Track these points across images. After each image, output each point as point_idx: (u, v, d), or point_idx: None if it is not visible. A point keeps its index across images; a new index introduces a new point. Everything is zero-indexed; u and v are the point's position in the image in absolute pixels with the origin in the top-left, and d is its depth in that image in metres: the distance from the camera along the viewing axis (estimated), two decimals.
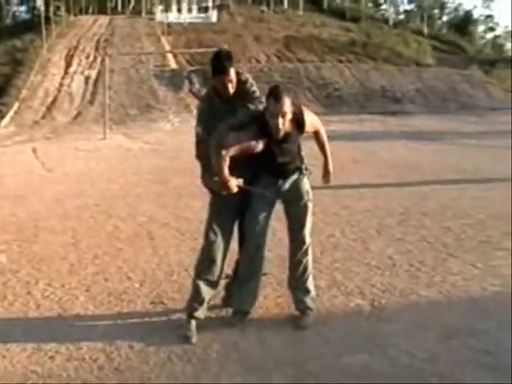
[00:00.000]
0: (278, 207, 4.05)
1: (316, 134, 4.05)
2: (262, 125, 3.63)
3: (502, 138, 16.22)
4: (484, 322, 4.05)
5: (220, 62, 3.71)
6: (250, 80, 3.89)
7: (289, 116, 3.63)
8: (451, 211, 7.42)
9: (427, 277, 4.96)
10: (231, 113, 3.73)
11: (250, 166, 3.85)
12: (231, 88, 3.73)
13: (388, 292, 4.60)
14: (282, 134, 3.67)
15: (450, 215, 7.22)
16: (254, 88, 3.89)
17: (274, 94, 3.59)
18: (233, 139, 3.59)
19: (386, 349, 3.61)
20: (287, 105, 3.60)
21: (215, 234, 3.85)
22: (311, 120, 3.89)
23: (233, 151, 3.59)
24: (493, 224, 6.77)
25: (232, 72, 3.70)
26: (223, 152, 3.56)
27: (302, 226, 3.96)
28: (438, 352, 3.59)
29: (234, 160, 3.63)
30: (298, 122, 3.75)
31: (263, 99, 3.83)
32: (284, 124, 3.62)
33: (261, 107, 3.77)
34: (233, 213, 3.93)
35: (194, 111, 21.88)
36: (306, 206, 3.96)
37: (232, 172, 3.65)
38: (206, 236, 3.89)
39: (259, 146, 3.65)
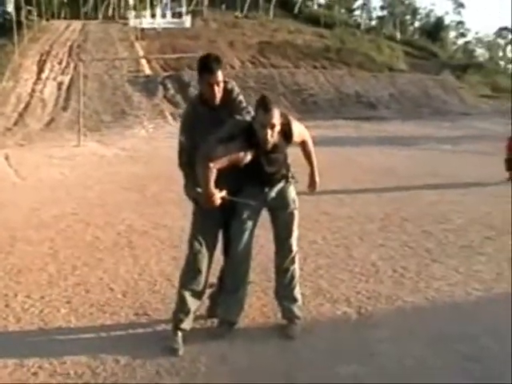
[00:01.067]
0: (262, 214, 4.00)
1: (303, 144, 4.01)
2: (250, 136, 3.56)
3: (475, 143, 16.48)
4: (470, 327, 4.07)
5: (208, 62, 3.63)
6: (236, 89, 3.82)
7: (277, 127, 3.58)
8: (431, 216, 7.47)
9: (411, 282, 4.96)
10: (216, 122, 3.65)
11: (236, 176, 3.81)
12: (218, 92, 3.65)
13: (374, 299, 4.58)
14: (270, 145, 3.62)
15: (429, 220, 7.27)
16: (241, 98, 3.82)
17: (263, 105, 3.52)
18: (221, 152, 3.52)
19: (375, 357, 3.59)
20: (276, 116, 3.54)
21: (200, 243, 3.78)
22: (299, 130, 3.85)
23: (220, 164, 3.53)
24: (473, 229, 6.83)
25: (220, 74, 3.62)
26: (211, 165, 3.49)
27: (289, 234, 3.92)
28: (426, 359, 3.57)
29: (220, 170, 3.57)
30: (286, 132, 3.70)
31: (250, 109, 3.78)
32: (272, 135, 3.57)
33: (248, 118, 3.71)
34: (217, 221, 3.86)
35: (169, 117, 22.00)
36: (292, 214, 3.92)
37: (217, 182, 3.59)
38: (191, 246, 3.82)
39: (247, 157, 3.59)
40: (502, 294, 4.75)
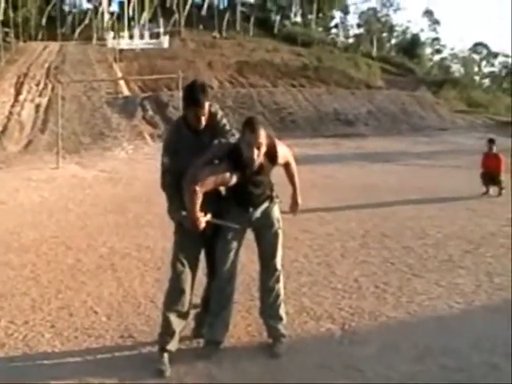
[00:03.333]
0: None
1: (286, 166, 4.07)
2: (236, 158, 3.62)
3: (452, 158, 16.74)
4: (453, 339, 4.14)
5: (194, 94, 3.66)
6: (220, 112, 3.88)
7: (263, 148, 3.64)
8: (411, 231, 7.58)
9: (394, 298, 5.03)
10: (200, 145, 3.70)
11: (220, 197, 3.86)
12: (204, 121, 3.71)
13: (357, 315, 4.63)
14: (256, 165, 3.67)
15: (409, 235, 7.38)
16: (225, 121, 3.88)
17: (250, 126, 3.59)
18: (207, 175, 3.57)
19: (363, 373, 3.63)
20: (262, 136, 3.60)
21: (182, 264, 3.80)
22: (283, 152, 3.91)
23: (206, 187, 3.58)
24: (451, 243, 6.95)
25: (206, 105, 3.67)
26: (197, 189, 3.53)
27: (274, 253, 3.97)
28: (413, 373, 3.62)
29: (205, 192, 3.61)
30: (271, 154, 3.76)
31: (234, 132, 3.84)
32: (259, 155, 3.63)
33: (232, 140, 3.76)
34: (198, 241, 3.89)
35: (148, 138, 21.96)
36: (276, 234, 3.97)
37: (201, 203, 3.62)
38: (174, 267, 3.83)
39: (233, 179, 3.64)
40: (482, 306, 4.84)
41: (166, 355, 3.72)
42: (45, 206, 10.37)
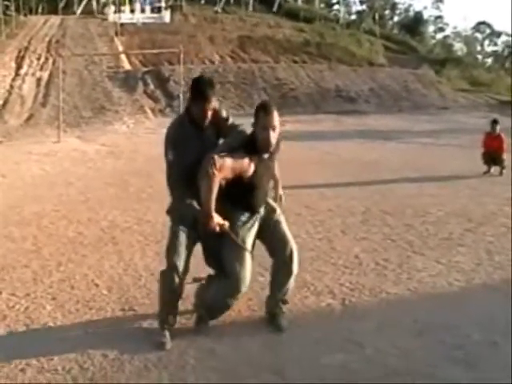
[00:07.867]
0: None
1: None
2: (251, 148, 3.59)
3: (454, 137, 16.71)
4: (452, 317, 4.15)
5: (202, 88, 3.62)
6: (224, 109, 3.86)
7: (278, 131, 3.63)
8: (411, 209, 7.58)
9: (394, 274, 5.05)
10: (203, 140, 3.66)
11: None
12: (209, 116, 3.67)
13: (357, 291, 4.65)
14: (272, 147, 3.66)
15: (410, 213, 7.38)
16: (231, 119, 3.84)
17: (264, 108, 3.60)
18: (226, 160, 3.48)
19: (362, 348, 3.65)
20: (277, 118, 3.60)
21: (178, 257, 3.69)
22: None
23: (225, 172, 3.48)
24: (452, 221, 6.96)
25: (214, 100, 3.64)
26: (216, 172, 3.41)
27: (284, 231, 3.93)
28: (411, 349, 3.64)
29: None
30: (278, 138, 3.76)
31: (242, 128, 3.80)
32: (275, 138, 3.62)
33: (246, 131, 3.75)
34: (192, 240, 3.78)
35: (149, 112, 21.87)
36: (280, 215, 3.97)
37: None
38: (168, 262, 3.73)
39: (251, 168, 3.59)
40: (482, 284, 4.86)
41: (166, 329, 3.73)
42: (46, 180, 10.38)
